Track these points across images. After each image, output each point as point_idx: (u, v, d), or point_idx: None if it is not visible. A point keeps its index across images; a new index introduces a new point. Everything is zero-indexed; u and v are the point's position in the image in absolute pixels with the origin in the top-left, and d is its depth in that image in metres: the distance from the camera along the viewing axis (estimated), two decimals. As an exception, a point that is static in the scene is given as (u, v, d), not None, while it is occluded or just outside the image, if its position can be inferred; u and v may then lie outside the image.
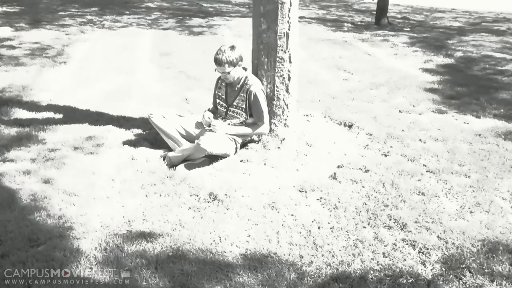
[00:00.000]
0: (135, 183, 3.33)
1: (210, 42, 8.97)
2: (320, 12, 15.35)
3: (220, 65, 3.57)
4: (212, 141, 3.54)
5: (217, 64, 3.59)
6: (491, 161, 4.08)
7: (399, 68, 7.85)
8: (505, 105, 5.83)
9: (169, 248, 2.60)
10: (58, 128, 4.32)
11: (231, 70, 3.60)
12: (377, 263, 2.62)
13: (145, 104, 5.16)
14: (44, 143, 3.96)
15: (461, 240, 2.87)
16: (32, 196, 3.09)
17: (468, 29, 12.87)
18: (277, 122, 4.09)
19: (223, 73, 3.63)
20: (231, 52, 3.56)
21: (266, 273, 2.43)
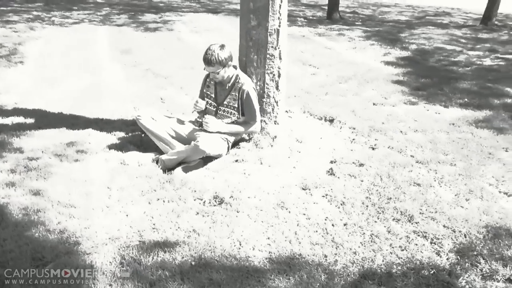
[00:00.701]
0: (134, 190, 3.16)
1: (168, 38, 8.74)
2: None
3: (209, 65, 3.46)
4: (210, 142, 3.44)
5: (206, 63, 3.48)
6: (470, 149, 4.27)
7: (361, 61, 8.04)
8: (467, 94, 6.14)
9: (190, 257, 2.49)
10: (32, 133, 4.02)
11: (220, 70, 3.49)
12: (397, 256, 2.65)
13: (120, 104, 4.92)
14: (21, 152, 3.66)
15: (467, 228, 2.97)
16: (24, 211, 2.85)
17: (415, 23, 13.44)
18: (267, 120, 4.04)
19: (212, 73, 3.51)
20: (221, 51, 3.46)
21: (297, 276, 2.39)
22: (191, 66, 6.74)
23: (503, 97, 6.09)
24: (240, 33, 3.89)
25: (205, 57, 3.47)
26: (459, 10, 17.25)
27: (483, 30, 12.38)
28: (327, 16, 13.36)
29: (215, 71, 3.49)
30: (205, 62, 3.47)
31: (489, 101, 5.85)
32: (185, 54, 7.47)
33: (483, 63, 8.27)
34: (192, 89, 5.62)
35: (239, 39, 3.95)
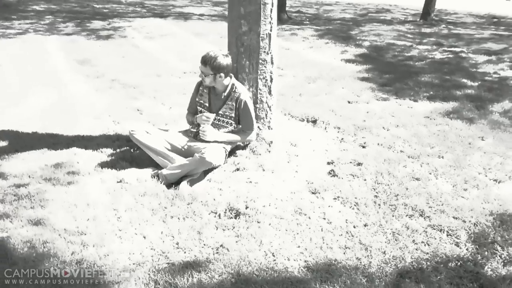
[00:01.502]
0: (143, 209, 3.00)
1: (123, 46, 8.44)
2: (217, 9, 15.31)
3: (203, 64, 3.38)
4: (215, 153, 3.34)
5: (201, 61, 3.42)
6: (451, 140, 4.48)
7: (322, 60, 8.20)
8: (431, 87, 6.44)
9: (227, 274, 2.40)
10: (11, 157, 3.71)
11: (210, 75, 3.41)
12: (423, 252, 2.71)
13: (97, 119, 4.67)
14: (4, 178, 3.37)
15: (475, 217, 3.11)
16: (29, 243, 2.61)
17: (361, 20, 13.93)
18: (261, 126, 4.00)
19: (202, 73, 3.42)
20: (221, 58, 3.38)
21: (340, 282, 2.38)
22: (156, 74, 6.55)
23: (463, 88, 6.44)
24: (229, 39, 3.81)
25: (204, 55, 3.39)
26: (397, 6, 18.10)
27: (424, 25, 13.07)
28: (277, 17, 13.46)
29: (205, 73, 3.40)
30: (201, 61, 3.40)
31: (452, 93, 6.17)
32: (146, 62, 7.24)
33: (434, 56, 8.71)
34: (166, 98, 5.46)
35: (228, 45, 3.87)
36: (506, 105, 5.65)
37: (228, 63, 3.41)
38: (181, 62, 7.41)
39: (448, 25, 13.18)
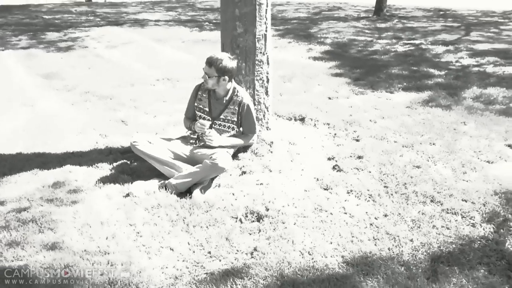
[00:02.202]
0: (161, 222, 2.90)
1: (87, 57, 8.14)
2: (171, 14, 15.10)
3: (208, 64, 3.31)
4: (226, 158, 3.29)
5: (207, 62, 3.34)
6: (437, 127, 4.66)
7: (291, 59, 8.27)
8: (403, 78, 6.66)
9: (271, 277, 2.36)
10: (1, 181, 3.47)
11: (214, 76, 3.35)
12: (446, 236, 2.80)
13: (83, 134, 4.47)
14: (1, 203, 3.15)
15: (482, 198, 3.24)
16: (51, 269, 2.46)
17: (316, 19, 14.19)
18: (260, 127, 3.98)
19: (205, 74, 3.36)
20: (227, 60, 3.32)
21: (382, 273, 2.41)
22: (130, 83, 6.36)
23: (432, 78, 6.72)
24: (223, 42, 3.76)
25: (208, 57, 3.32)
26: (347, 4, 18.59)
27: (378, 20, 13.51)
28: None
29: (209, 74, 3.34)
30: (207, 61, 3.33)
31: (424, 83, 6.42)
32: (114, 72, 7.01)
33: (397, 50, 9.02)
34: (147, 106, 5.32)
35: (222, 48, 3.82)
36: (476, 91, 5.94)
37: (233, 66, 3.36)
38: (150, 69, 7.23)
39: (400, 19, 13.70)
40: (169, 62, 7.76)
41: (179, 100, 5.56)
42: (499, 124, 4.73)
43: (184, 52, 8.73)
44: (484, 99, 5.62)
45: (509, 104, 5.42)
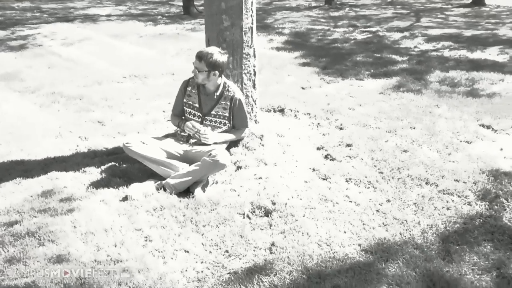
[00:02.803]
0: (169, 224, 2.82)
1: (44, 56, 7.72)
2: (121, 8, 14.60)
3: (198, 59, 3.23)
4: (225, 154, 3.24)
5: (197, 56, 3.25)
6: (414, 111, 4.83)
7: (281, 55, 8.21)
8: (369, 65, 6.84)
9: (296, 271, 2.37)
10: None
11: (204, 71, 3.29)
12: (448, 216, 2.92)
13: (60, 138, 4.26)
14: (-11, 218, 2.93)
15: (471, 177, 3.41)
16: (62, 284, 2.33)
17: (269, 9, 14.24)
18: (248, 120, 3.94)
19: (195, 68, 3.28)
20: (217, 55, 3.25)
21: (401, 257, 2.48)
22: (96, 82, 6.11)
23: (396, 64, 6.95)
24: (209, 36, 3.68)
25: (200, 50, 3.25)
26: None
27: (331, 9, 13.76)
28: (184, 11, 13.23)
29: (199, 68, 3.26)
30: (197, 55, 3.24)
31: (390, 69, 6.62)
32: (77, 70, 6.70)
33: (356, 37, 9.23)
34: (121, 105, 5.14)
35: (207, 42, 3.74)
36: (440, 75, 6.20)
37: (224, 61, 3.30)
38: (113, 66, 6.97)
39: (351, 8, 14.01)
40: (131, 58, 7.51)
41: (152, 97, 5.41)
42: (468, 105, 4.97)
43: (144, 48, 8.48)
44: (448, 82, 5.88)
45: (473, 85, 5.70)
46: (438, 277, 2.32)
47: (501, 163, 3.65)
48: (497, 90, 5.52)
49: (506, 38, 8.67)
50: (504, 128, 4.38)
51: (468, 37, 8.79)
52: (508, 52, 7.51)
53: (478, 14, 12.09)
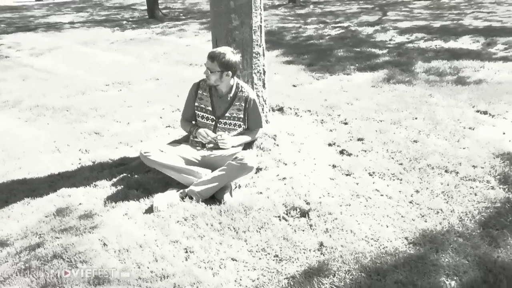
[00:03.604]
0: (207, 233, 2.72)
1: (14, 68, 7.34)
2: (83, 15, 14.11)
3: (211, 59, 3.13)
4: (253, 157, 3.16)
5: (209, 57, 3.14)
6: (410, 102, 4.92)
7: None
8: (353, 60, 6.92)
9: (354, 270, 2.33)
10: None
11: (217, 72, 3.19)
12: (478, 202, 2.96)
13: (58, 153, 4.04)
14: (5, 244, 2.73)
15: (488, 163, 3.49)
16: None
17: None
18: (259, 121, 3.87)
19: (208, 69, 3.17)
20: (230, 55, 3.16)
21: (450, 247, 2.50)
22: (79, 92, 5.85)
23: (378, 57, 7.06)
24: (217, 36, 3.58)
25: (212, 50, 3.14)
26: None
27: (296, 7, 13.85)
28: (149, 15, 12.98)
29: (212, 69, 3.16)
30: (209, 56, 3.13)
31: (374, 62, 6.72)
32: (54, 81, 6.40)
33: (330, 33, 9.32)
34: (114, 114, 4.95)
35: (214, 43, 3.63)
36: (424, 65, 6.35)
37: (237, 61, 3.20)
38: (92, 75, 6.70)
39: (316, 5, 14.16)
40: (108, 65, 7.24)
41: (144, 104, 5.24)
42: (460, 93, 5.11)
43: (119, 54, 8.21)
44: (434, 72, 6.02)
45: (458, 74, 5.87)
46: (491, 264, 2.34)
47: (509, 146, 3.75)
48: (481, 76, 5.70)
49: (473, 27, 9.00)
50: (500, 112, 4.52)
51: (438, 28, 9.06)
52: (479, 40, 7.80)
53: (439, 6, 12.52)
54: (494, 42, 7.51)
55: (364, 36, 8.71)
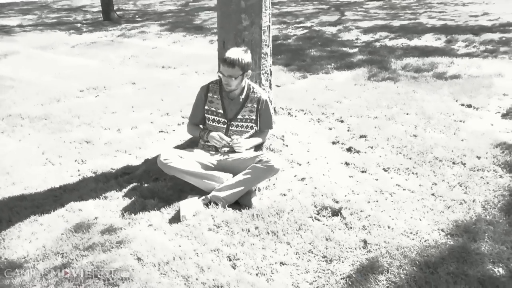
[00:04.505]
0: (246, 238, 2.64)
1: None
2: (31, 17, 13.33)
3: (231, 66, 3.03)
4: (277, 158, 3.12)
5: (228, 64, 3.02)
6: (397, 98, 5.07)
7: (204, 53, 8.06)
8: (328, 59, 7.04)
9: (406, 265, 2.36)
10: (5, 237, 2.77)
11: (239, 75, 3.14)
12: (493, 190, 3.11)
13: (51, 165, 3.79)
14: (28, 267, 2.52)
15: (490, 153, 3.67)
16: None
17: (190, 10, 13.95)
18: (265, 122, 3.84)
19: (229, 76, 3.11)
20: (244, 55, 3.10)
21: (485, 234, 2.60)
22: (54, 99, 5.52)
23: (351, 56, 7.23)
24: (224, 37, 3.51)
25: (227, 57, 3.01)
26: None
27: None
28: (104, 17, 12.51)
29: (234, 75, 3.09)
30: (227, 63, 3.00)
31: (348, 61, 6.87)
32: (22, 88, 5.97)
33: (296, 34, 9.41)
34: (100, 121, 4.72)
35: (222, 44, 3.55)
36: (398, 63, 6.58)
37: (250, 60, 3.15)
38: (61, 80, 6.35)
39: (272, 5, 14.26)
40: (76, 70, 6.89)
41: (128, 109, 5.04)
42: (441, 88, 5.34)
43: (82, 58, 7.83)
44: (410, 68, 6.25)
45: (433, 70, 6.14)
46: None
47: (502, 137, 3.96)
48: (455, 72, 5.99)
49: (431, 25, 9.44)
50: (482, 105, 4.76)
51: (398, 27, 9.41)
52: (440, 37, 8.19)
53: (392, 6, 13.02)
54: (454, 39, 7.90)
55: (330, 36, 8.88)
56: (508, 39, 7.74)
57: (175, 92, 5.62)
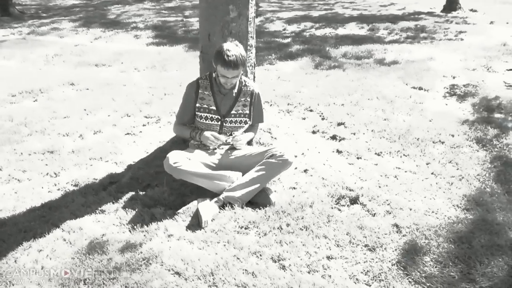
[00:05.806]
0: (280, 237, 2.54)
1: None
2: None
3: (236, 68, 2.92)
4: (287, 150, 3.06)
5: (232, 67, 2.86)
6: (352, 85, 5.26)
7: (132, 48, 7.69)
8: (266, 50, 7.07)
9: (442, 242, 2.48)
10: (10, 258, 2.38)
11: (240, 73, 3.04)
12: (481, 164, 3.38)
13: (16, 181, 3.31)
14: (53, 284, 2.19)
15: (460, 130, 3.97)
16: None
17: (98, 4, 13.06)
18: (251, 116, 3.76)
19: (233, 77, 3.00)
20: (241, 50, 2.94)
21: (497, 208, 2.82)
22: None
23: (287, 46, 7.33)
24: (209, 30, 3.32)
25: (230, 60, 2.83)
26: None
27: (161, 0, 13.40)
28: (2, 13, 11.23)
29: (239, 74, 2.99)
30: (232, 66, 2.86)
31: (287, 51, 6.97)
32: None
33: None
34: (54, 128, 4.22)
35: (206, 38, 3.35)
36: (336, 51, 6.82)
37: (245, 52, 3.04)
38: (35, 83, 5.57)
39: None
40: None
41: (81, 113, 4.59)
42: (388, 73, 5.66)
43: (35, 64, 6.85)
44: (350, 56, 6.52)
45: (372, 57, 6.47)
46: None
47: (460, 115, 4.32)
48: (393, 58, 6.38)
49: (348, 15, 9.94)
50: (429, 87, 5.14)
51: (319, 17, 9.76)
52: (363, 26, 8.66)
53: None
54: (376, 28, 8.41)
55: (257, 27, 8.86)
56: (422, 26, 8.43)
57: (123, 91, 5.22)
